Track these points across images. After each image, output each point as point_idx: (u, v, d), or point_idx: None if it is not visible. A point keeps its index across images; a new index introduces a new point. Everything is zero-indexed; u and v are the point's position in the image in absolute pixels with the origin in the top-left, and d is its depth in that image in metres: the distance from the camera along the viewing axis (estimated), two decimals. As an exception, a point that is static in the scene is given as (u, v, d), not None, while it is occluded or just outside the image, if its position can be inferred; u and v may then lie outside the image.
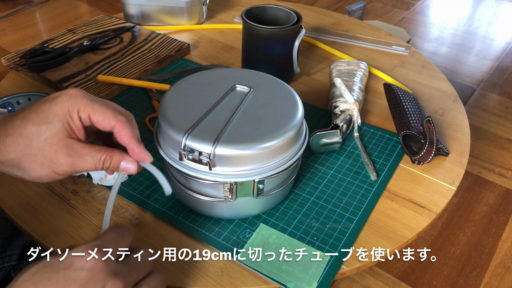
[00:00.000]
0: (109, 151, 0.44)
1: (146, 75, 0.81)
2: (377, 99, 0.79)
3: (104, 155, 0.43)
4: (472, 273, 1.17)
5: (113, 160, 0.44)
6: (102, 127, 0.44)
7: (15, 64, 0.80)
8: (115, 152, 0.44)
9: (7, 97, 0.69)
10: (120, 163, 0.45)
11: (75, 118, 0.42)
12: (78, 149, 0.43)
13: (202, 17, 1.00)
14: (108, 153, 0.44)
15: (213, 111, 0.51)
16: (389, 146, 0.68)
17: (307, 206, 0.57)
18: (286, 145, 0.50)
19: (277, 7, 0.79)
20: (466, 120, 0.75)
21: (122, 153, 0.45)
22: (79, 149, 0.43)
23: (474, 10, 2.64)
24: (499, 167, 1.50)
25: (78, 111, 0.42)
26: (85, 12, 2.29)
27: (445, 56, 2.12)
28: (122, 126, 0.43)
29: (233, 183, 0.49)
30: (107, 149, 0.44)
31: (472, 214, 1.34)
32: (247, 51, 0.80)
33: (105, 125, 0.43)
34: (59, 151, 0.42)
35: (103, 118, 0.43)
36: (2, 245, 0.60)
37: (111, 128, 0.44)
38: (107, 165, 0.44)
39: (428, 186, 0.62)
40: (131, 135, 0.44)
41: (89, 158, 0.43)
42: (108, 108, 0.43)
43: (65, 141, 0.42)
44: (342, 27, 1.02)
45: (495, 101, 1.82)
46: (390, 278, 1.15)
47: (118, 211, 0.56)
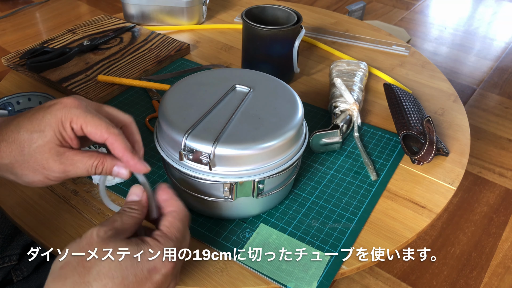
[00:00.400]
0: (100, 157, 0.44)
1: (146, 75, 0.81)
2: (377, 99, 0.79)
3: (96, 161, 0.44)
4: (472, 273, 1.17)
5: (104, 166, 0.44)
6: (94, 139, 0.44)
7: (15, 64, 0.80)
8: (106, 158, 0.44)
9: (7, 97, 0.69)
10: (112, 169, 0.45)
11: (68, 128, 0.43)
12: (69, 156, 0.43)
13: (202, 17, 1.00)
14: (100, 159, 0.44)
15: (213, 111, 0.51)
16: (389, 146, 0.68)
17: (307, 206, 0.57)
18: (286, 145, 0.50)
19: (277, 7, 0.79)
20: (466, 120, 0.75)
21: (113, 159, 0.45)
22: (71, 156, 0.43)
23: (474, 10, 2.64)
24: (499, 167, 1.50)
25: (70, 122, 0.42)
26: (85, 12, 2.29)
27: (445, 56, 2.12)
28: (115, 139, 0.43)
29: (233, 183, 0.49)
30: (98, 155, 0.44)
31: (472, 214, 1.34)
32: (247, 51, 0.80)
33: (97, 137, 0.43)
34: (50, 158, 0.42)
35: (95, 130, 0.43)
36: (2, 245, 0.60)
37: (104, 140, 0.43)
38: (99, 171, 0.44)
39: (428, 186, 0.62)
40: (124, 147, 0.44)
41: (80, 165, 0.43)
42: (101, 120, 0.43)
43: (57, 149, 0.42)
44: (342, 27, 1.02)
45: (495, 101, 1.82)
46: (390, 278, 1.15)
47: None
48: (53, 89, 0.77)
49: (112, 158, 0.45)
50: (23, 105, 0.70)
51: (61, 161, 0.43)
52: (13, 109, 0.69)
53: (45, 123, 0.42)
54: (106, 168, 0.44)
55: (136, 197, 0.43)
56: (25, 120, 0.43)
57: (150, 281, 0.37)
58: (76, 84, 0.76)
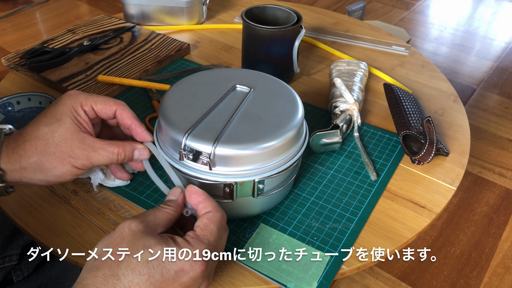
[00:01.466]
0: (120, 144, 0.47)
1: (146, 75, 0.81)
2: (377, 99, 0.79)
3: (117, 148, 0.47)
4: (472, 273, 1.17)
5: (126, 151, 0.48)
6: (105, 113, 0.48)
7: (15, 64, 0.80)
8: (125, 143, 0.48)
9: (7, 97, 0.69)
10: (133, 153, 0.48)
11: (81, 112, 0.46)
12: (90, 143, 0.46)
13: (202, 17, 1.00)
14: (120, 145, 0.47)
15: (213, 111, 0.51)
16: (389, 146, 0.68)
17: (307, 206, 0.57)
18: (286, 145, 0.50)
19: (277, 7, 0.79)
20: (466, 120, 0.75)
21: (132, 143, 0.48)
22: (92, 142, 0.46)
23: (474, 10, 2.64)
24: (499, 167, 1.50)
25: (81, 105, 0.46)
26: (85, 12, 2.29)
27: (445, 56, 2.12)
28: (122, 108, 0.48)
29: (233, 183, 0.49)
30: (118, 142, 0.47)
31: (472, 214, 1.34)
32: (247, 51, 0.80)
33: (107, 111, 0.48)
34: (74, 145, 0.45)
35: (104, 105, 0.47)
36: (2, 245, 0.60)
37: (113, 112, 0.48)
38: (122, 157, 0.47)
39: (428, 186, 0.62)
40: (132, 115, 0.48)
41: (102, 152, 0.46)
42: (106, 97, 0.48)
43: (78, 135, 0.46)
44: (342, 27, 1.02)
45: (495, 101, 1.82)
46: (390, 278, 1.15)
47: (118, 211, 0.56)
48: (53, 89, 0.77)
49: (130, 143, 0.48)
50: (23, 105, 0.70)
51: (84, 147, 0.46)
52: (13, 109, 0.69)
53: (60, 113, 0.46)
54: (127, 153, 0.48)
55: (173, 197, 0.45)
56: (41, 117, 0.46)
57: (177, 281, 0.38)
58: (76, 84, 0.76)
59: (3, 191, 0.46)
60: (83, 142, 0.46)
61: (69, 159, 0.45)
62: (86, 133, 0.46)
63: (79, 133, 0.46)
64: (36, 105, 0.70)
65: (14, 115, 0.69)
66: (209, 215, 0.42)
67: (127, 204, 0.57)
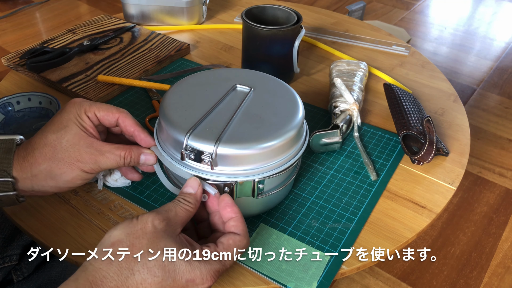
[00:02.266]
0: (126, 147, 0.48)
1: (146, 75, 0.81)
2: (377, 99, 0.79)
3: (123, 151, 0.48)
4: (472, 273, 1.17)
5: (132, 155, 0.48)
6: (107, 120, 0.49)
7: (15, 64, 0.80)
8: (132, 147, 0.49)
9: (7, 97, 0.69)
10: (139, 157, 0.49)
11: (85, 118, 0.48)
12: (98, 147, 0.47)
13: (202, 17, 1.00)
14: (127, 149, 0.48)
15: (214, 111, 0.51)
16: (389, 146, 0.68)
17: (307, 206, 0.57)
18: (287, 145, 0.50)
19: (277, 7, 0.79)
20: (466, 120, 0.75)
21: (139, 148, 0.49)
22: (99, 147, 0.47)
23: (474, 10, 2.64)
24: (499, 167, 1.50)
25: (85, 112, 0.48)
26: (85, 12, 2.29)
27: (445, 56, 2.12)
28: (125, 116, 0.49)
29: (233, 182, 0.49)
30: (125, 146, 0.48)
31: (472, 214, 1.34)
32: (247, 51, 0.80)
33: (110, 118, 0.49)
34: (81, 150, 0.47)
35: (107, 112, 0.48)
36: (2, 245, 0.60)
37: (116, 119, 0.49)
38: (128, 161, 0.48)
39: (428, 186, 0.62)
40: (135, 122, 0.50)
41: (110, 155, 0.47)
42: (109, 105, 0.50)
43: (85, 140, 0.47)
44: (342, 27, 1.02)
45: (495, 101, 1.82)
46: (390, 278, 1.15)
47: (118, 211, 0.56)
48: (53, 89, 0.77)
49: (137, 148, 0.49)
50: (23, 105, 0.70)
51: (91, 151, 0.47)
52: (13, 109, 0.69)
53: (66, 120, 0.47)
54: (134, 157, 0.49)
55: (192, 190, 0.45)
56: (48, 126, 0.48)
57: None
58: (76, 84, 0.76)
59: (15, 199, 0.47)
60: (91, 147, 0.47)
61: (78, 163, 0.46)
62: (93, 138, 0.48)
63: (86, 138, 0.47)
64: (36, 105, 0.70)
65: (14, 115, 0.69)
66: (236, 239, 0.43)
67: (127, 204, 0.57)
